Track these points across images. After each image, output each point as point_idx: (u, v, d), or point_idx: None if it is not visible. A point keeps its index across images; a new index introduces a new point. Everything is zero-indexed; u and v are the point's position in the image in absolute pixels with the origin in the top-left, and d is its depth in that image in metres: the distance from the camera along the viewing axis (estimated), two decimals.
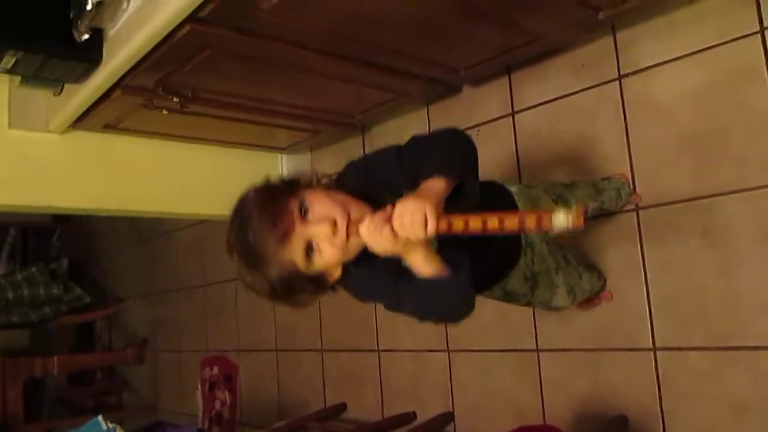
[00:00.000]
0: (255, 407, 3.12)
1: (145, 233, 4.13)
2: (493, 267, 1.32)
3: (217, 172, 2.52)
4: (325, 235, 0.97)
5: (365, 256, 1.02)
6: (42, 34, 1.66)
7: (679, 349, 1.64)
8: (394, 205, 0.94)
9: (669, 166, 1.68)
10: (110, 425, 1.78)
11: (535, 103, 1.98)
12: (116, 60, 1.67)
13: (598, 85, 1.83)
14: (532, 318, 1.94)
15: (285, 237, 0.95)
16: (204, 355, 3.51)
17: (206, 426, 3.36)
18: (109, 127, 2.16)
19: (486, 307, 1.91)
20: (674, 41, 1.69)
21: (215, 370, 3.37)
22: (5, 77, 2.04)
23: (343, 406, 2.57)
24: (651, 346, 1.68)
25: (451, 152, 1.07)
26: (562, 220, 0.82)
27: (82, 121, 2.06)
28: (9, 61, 1.69)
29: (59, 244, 4.99)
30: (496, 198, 1.35)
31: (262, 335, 3.07)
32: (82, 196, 2.22)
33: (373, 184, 1.08)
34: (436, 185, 0.97)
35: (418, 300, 1.03)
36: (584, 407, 1.81)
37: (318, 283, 1.05)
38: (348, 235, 0.97)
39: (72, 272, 4.62)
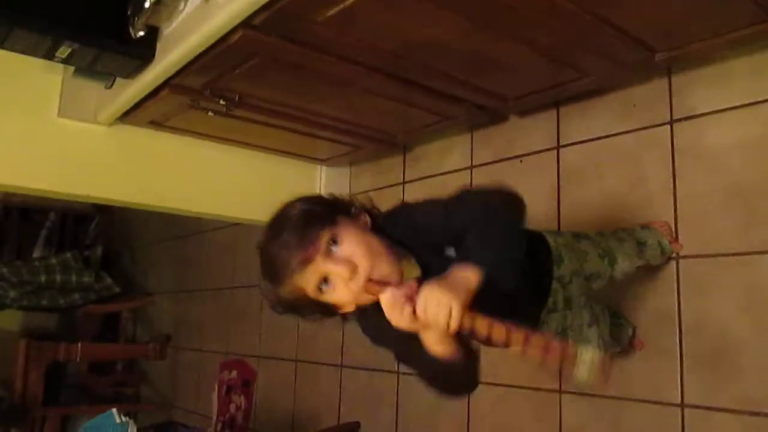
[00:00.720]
0: (269, 415, 3.10)
1: (179, 230, 4.18)
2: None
3: (256, 177, 2.53)
4: (341, 277, 0.97)
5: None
6: (99, 28, 1.68)
7: (708, 408, 1.57)
8: (419, 280, 0.96)
9: (714, 218, 1.63)
10: (123, 419, 1.77)
11: (581, 139, 1.95)
12: (168, 59, 1.68)
13: (648, 127, 1.79)
14: None
15: (303, 264, 0.96)
16: (224, 358, 3.51)
17: (218, 429, 3.36)
18: (155, 124, 2.19)
19: None
20: (731, 90, 1.64)
21: (233, 373, 3.37)
22: (59, 67, 2.09)
23: (356, 425, 2.54)
24: (679, 401, 1.62)
25: (502, 244, 1.03)
26: (585, 370, 0.81)
27: (129, 115, 2.09)
28: (64, 51, 1.72)
29: (95, 232, 5.08)
30: (536, 256, 1.31)
31: (283, 344, 3.06)
32: (122, 189, 2.25)
33: (414, 236, 1.07)
34: (469, 280, 0.94)
35: (423, 369, 1.04)
36: None
37: (326, 310, 1.05)
38: (365, 289, 0.97)
39: (105, 261, 4.70)
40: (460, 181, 2.28)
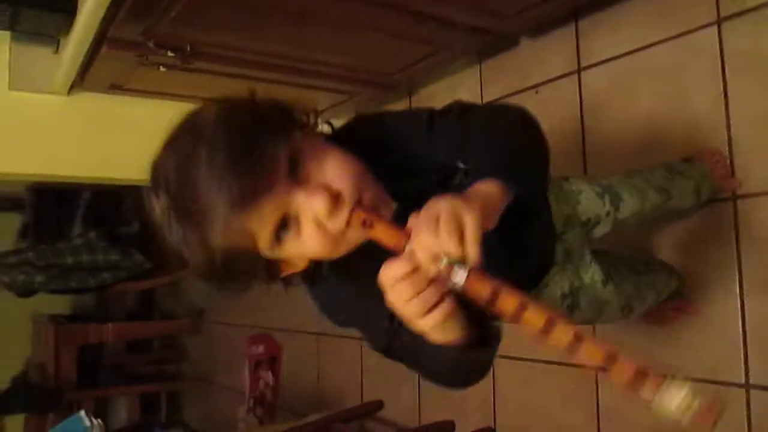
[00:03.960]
0: (294, 392, 2.90)
1: None
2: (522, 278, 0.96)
3: None
4: (317, 213, 0.64)
5: (350, 257, 0.71)
6: None
7: None
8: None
9: None
10: (94, 421, 1.58)
11: (607, 58, 1.57)
12: (86, 7, 1.41)
13: (689, 32, 1.40)
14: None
15: (256, 198, 0.62)
16: (252, 332, 3.33)
17: (251, 406, 3.20)
18: (116, 88, 1.93)
19: None
20: None
21: (261, 348, 3.18)
22: (5, 38, 1.84)
23: (379, 404, 2.29)
24: (743, 381, 1.27)
25: (514, 150, 0.76)
26: (676, 402, 0.49)
27: (84, 81, 1.85)
28: None
29: (131, 207, 4.98)
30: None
31: (306, 316, 2.83)
32: (90, 163, 2.01)
33: (386, 160, 0.75)
34: (490, 191, 0.67)
35: (416, 358, 0.72)
36: None
37: (269, 271, 0.73)
38: (349, 224, 0.65)
39: (142, 237, 4.58)
40: None
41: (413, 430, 2.05)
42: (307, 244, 0.67)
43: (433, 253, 0.57)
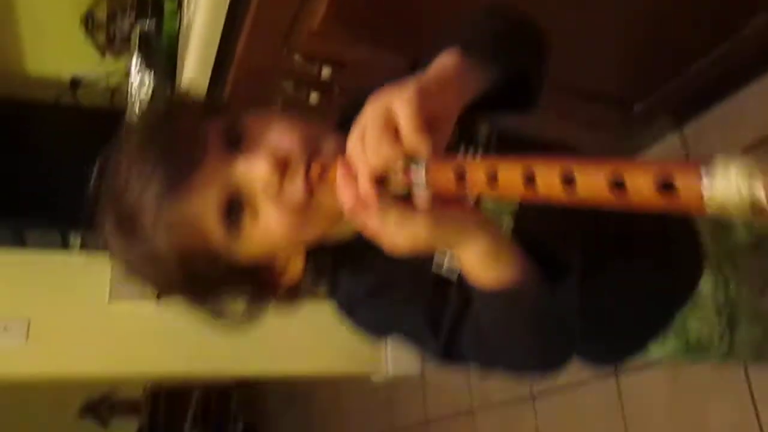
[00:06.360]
0: None
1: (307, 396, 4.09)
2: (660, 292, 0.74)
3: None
4: (263, 178, 0.56)
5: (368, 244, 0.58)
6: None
7: None
8: None
9: None
10: None
11: None
12: None
13: None
14: None
15: (187, 177, 0.56)
16: None
17: None
18: None
19: None
20: None
21: None
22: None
23: None
24: None
25: (492, 25, 0.62)
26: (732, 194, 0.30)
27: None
28: (75, 240, 1.82)
29: (237, 407, 5.21)
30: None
31: None
32: (176, 361, 2.26)
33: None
34: (445, 63, 0.52)
35: (478, 335, 0.59)
36: None
37: (258, 279, 0.64)
38: (311, 186, 0.57)
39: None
40: None
41: None
42: (268, 225, 0.58)
43: (375, 167, 0.47)
